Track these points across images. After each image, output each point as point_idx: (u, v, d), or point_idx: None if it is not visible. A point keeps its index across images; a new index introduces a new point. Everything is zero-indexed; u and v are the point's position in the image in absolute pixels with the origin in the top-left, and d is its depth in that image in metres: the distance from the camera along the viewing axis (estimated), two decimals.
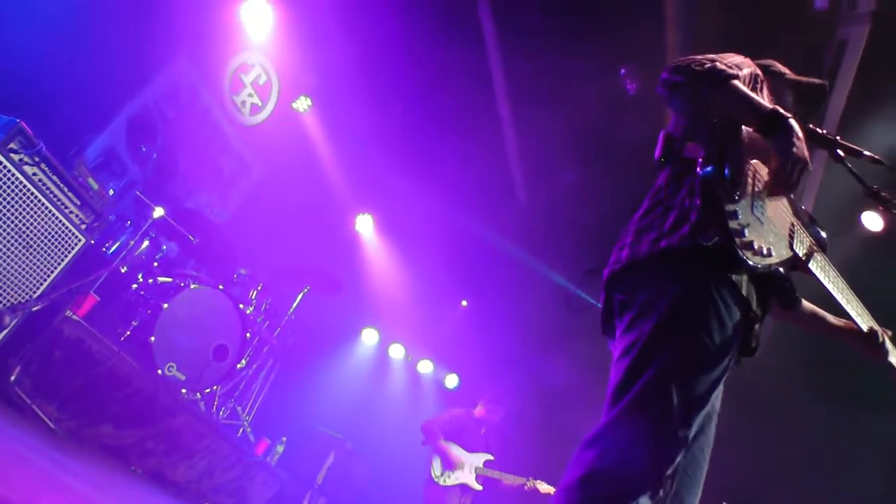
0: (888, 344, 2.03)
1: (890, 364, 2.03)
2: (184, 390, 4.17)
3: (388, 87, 6.31)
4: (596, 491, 1.52)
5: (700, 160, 1.77)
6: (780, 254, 1.78)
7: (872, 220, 4.53)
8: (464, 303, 8.35)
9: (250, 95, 6.19)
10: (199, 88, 5.66)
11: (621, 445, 1.56)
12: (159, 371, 4.01)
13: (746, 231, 1.69)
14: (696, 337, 1.65)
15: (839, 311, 2.02)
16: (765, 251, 1.72)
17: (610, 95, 5.30)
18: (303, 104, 6.53)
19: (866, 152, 2.12)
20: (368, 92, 6.36)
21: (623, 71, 5.50)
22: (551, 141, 6.06)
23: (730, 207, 1.70)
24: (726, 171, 1.73)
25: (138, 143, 4.73)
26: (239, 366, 4.80)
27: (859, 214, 4.58)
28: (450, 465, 5.65)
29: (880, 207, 2.11)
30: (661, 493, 1.55)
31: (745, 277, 1.76)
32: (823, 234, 1.97)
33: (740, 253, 1.66)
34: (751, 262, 1.67)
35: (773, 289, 1.81)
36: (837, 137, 2.14)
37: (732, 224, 1.68)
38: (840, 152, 2.12)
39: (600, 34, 5.21)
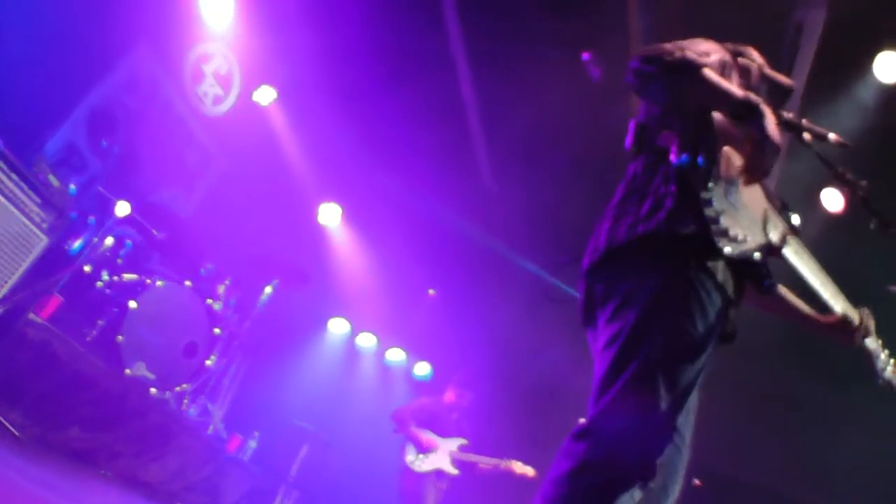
0: (864, 323, 2.05)
1: (864, 347, 2.07)
2: (153, 389, 4.09)
3: (350, 74, 6.23)
4: (588, 482, 1.53)
5: (673, 149, 1.79)
6: (755, 240, 1.80)
7: (832, 201, 4.61)
8: (431, 291, 8.33)
9: (212, 86, 6.06)
10: (160, 79, 5.51)
11: (611, 437, 1.57)
12: (127, 371, 3.93)
13: (722, 218, 1.70)
14: (680, 326, 1.67)
15: (813, 295, 2.04)
16: (740, 238, 1.73)
17: (575, 80, 5.30)
18: (265, 94, 6.41)
19: (831, 136, 2.15)
20: (331, 79, 6.28)
21: (586, 57, 5.50)
22: (517, 127, 6.07)
23: (704, 195, 1.71)
24: (700, 160, 1.75)
25: (99, 137, 4.58)
26: (208, 362, 4.73)
27: (819, 196, 4.66)
28: (423, 448, 5.67)
29: (845, 189, 2.15)
30: (651, 483, 1.56)
31: (721, 263, 1.78)
32: (796, 219, 2.00)
33: (716, 240, 1.68)
34: (727, 250, 1.69)
35: (749, 275, 1.84)
36: (803, 121, 2.18)
37: (708, 212, 1.70)
38: (807, 136, 2.16)
39: (563, 17, 5.21)
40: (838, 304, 2.06)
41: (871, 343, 2.08)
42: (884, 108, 4.70)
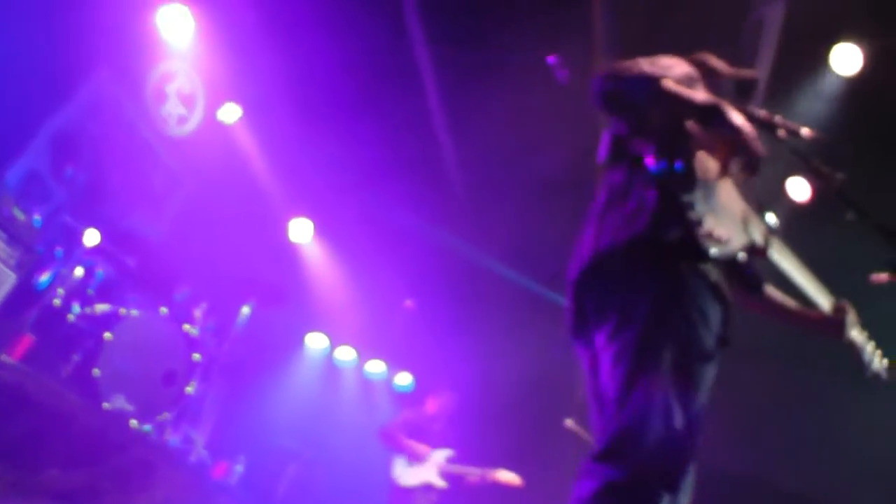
0: (849, 318, 2.06)
1: (851, 340, 2.09)
2: (134, 421, 4.00)
3: (315, 87, 6.17)
4: (614, 502, 1.51)
5: (650, 156, 1.79)
6: (739, 240, 1.81)
7: (798, 191, 4.67)
8: (407, 302, 8.28)
9: (176, 106, 5.96)
10: (123, 102, 5.40)
11: (634, 454, 1.54)
12: (106, 405, 3.83)
13: (704, 221, 1.71)
14: (684, 334, 1.65)
15: (798, 293, 2.06)
16: (724, 239, 1.74)
17: (545, 86, 5.31)
18: (230, 111, 6.32)
19: (804, 130, 2.17)
20: (296, 93, 6.22)
21: (552, 60, 5.52)
22: (486, 135, 6.07)
23: (685, 199, 1.72)
24: (677, 165, 1.76)
25: (63, 164, 4.46)
26: (189, 389, 4.64)
27: (784, 188, 4.72)
28: (417, 458, 5.62)
29: (820, 182, 2.17)
30: (677, 497, 1.55)
31: (711, 266, 1.78)
32: (774, 218, 2.01)
33: (702, 243, 1.68)
34: (713, 251, 1.69)
35: (737, 275, 1.84)
36: (776, 119, 2.20)
37: (691, 215, 1.70)
38: (781, 133, 2.18)
39: (528, 24, 5.24)
40: (824, 299, 2.08)
41: (857, 336, 2.10)
42: (842, 98, 4.82)
